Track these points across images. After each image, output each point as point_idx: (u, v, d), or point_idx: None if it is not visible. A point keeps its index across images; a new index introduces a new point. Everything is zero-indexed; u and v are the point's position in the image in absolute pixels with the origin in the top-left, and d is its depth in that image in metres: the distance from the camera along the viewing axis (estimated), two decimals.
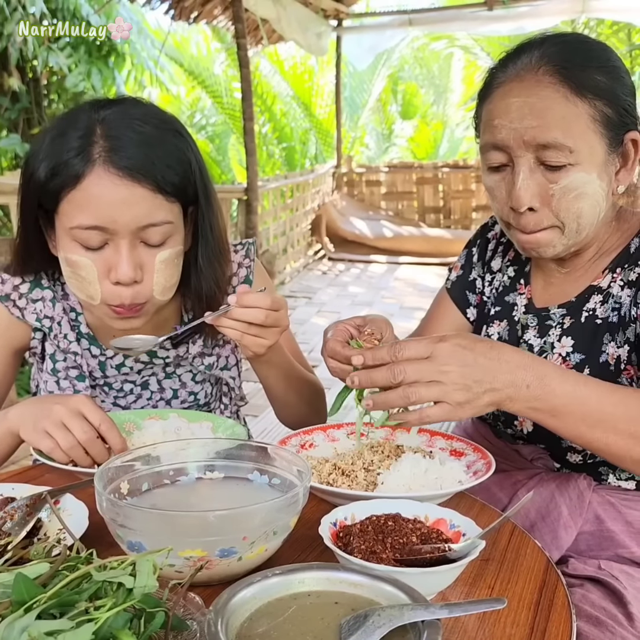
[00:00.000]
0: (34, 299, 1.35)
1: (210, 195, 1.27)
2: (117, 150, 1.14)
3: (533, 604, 0.84)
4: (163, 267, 1.21)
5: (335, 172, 10.82)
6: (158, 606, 0.64)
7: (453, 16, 8.86)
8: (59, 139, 1.16)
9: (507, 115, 1.14)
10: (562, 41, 1.18)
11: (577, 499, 1.20)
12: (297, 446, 1.22)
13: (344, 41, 10.16)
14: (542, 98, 1.12)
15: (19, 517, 0.94)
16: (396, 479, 1.05)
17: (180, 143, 1.21)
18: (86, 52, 7.37)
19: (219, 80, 12.54)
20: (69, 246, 1.19)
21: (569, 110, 1.11)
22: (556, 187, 1.14)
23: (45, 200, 1.19)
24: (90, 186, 1.13)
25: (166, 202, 1.18)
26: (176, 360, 1.42)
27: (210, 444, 1.06)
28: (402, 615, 0.66)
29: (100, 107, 1.19)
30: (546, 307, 1.31)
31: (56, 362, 1.38)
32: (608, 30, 10.81)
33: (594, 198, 1.15)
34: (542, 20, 8.37)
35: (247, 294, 1.17)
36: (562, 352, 1.25)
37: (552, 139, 1.11)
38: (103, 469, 0.91)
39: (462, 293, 1.49)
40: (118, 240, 1.16)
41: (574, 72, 1.12)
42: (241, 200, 7.07)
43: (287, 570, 0.74)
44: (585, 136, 1.12)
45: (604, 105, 1.13)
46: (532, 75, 1.14)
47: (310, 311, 6.86)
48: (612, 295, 1.23)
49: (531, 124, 1.12)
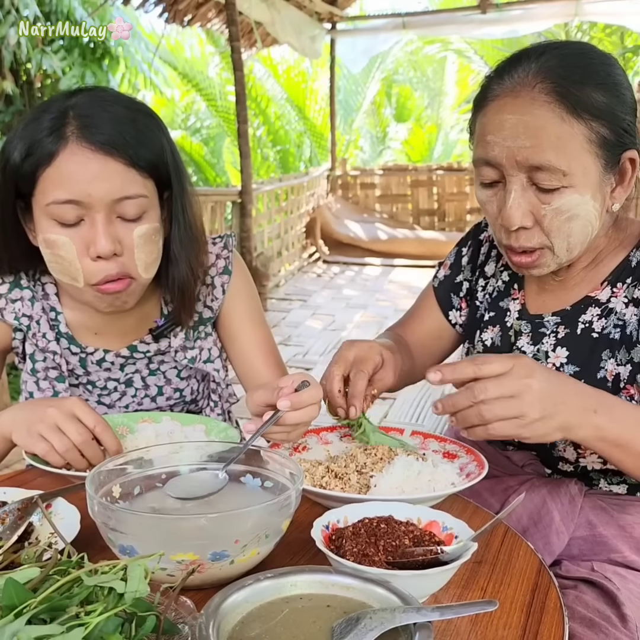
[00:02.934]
0: (13, 298, 1.36)
1: (182, 177, 1.29)
2: (90, 127, 1.17)
3: (525, 606, 0.84)
4: (142, 242, 1.22)
5: (330, 174, 10.82)
6: (149, 610, 0.64)
7: (446, 19, 8.88)
8: (32, 123, 1.19)
9: (501, 132, 1.11)
10: (562, 54, 1.13)
11: (569, 504, 1.20)
12: (290, 449, 1.22)
13: (338, 44, 10.17)
14: (536, 117, 1.08)
15: (10, 521, 0.93)
16: (389, 482, 1.06)
17: (151, 124, 1.24)
18: (80, 55, 7.38)
19: (213, 84, 12.55)
20: (46, 225, 1.20)
21: (564, 131, 1.08)
22: (548, 208, 1.11)
23: (22, 184, 1.20)
24: (64, 162, 1.16)
25: (139, 176, 1.20)
26: (157, 354, 1.42)
27: (203, 447, 1.06)
28: (394, 618, 0.66)
29: (72, 94, 1.23)
30: (540, 314, 1.29)
31: (35, 362, 1.38)
32: (601, 34, 10.86)
33: (586, 218, 1.13)
34: (535, 23, 8.42)
35: (298, 395, 1.04)
36: (556, 362, 1.23)
37: (546, 161, 1.08)
38: (95, 473, 0.91)
39: (446, 294, 1.48)
40: (93, 214, 1.18)
41: (571, 90, 1.08)
42: (235, 203, 7.07)
43: (279, 574, 0.74)
44: (579, 158, 1.09)
45: (601, 126, 1.09)
46: (528, 92, 1.09)
47: (305, 314, 6.85)
48: (615, 311, 1.20)
49: (524, 144, 1.08)
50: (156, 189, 1.25)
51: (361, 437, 1.23)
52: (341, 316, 6.69)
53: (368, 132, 14.89)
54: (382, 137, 14.72)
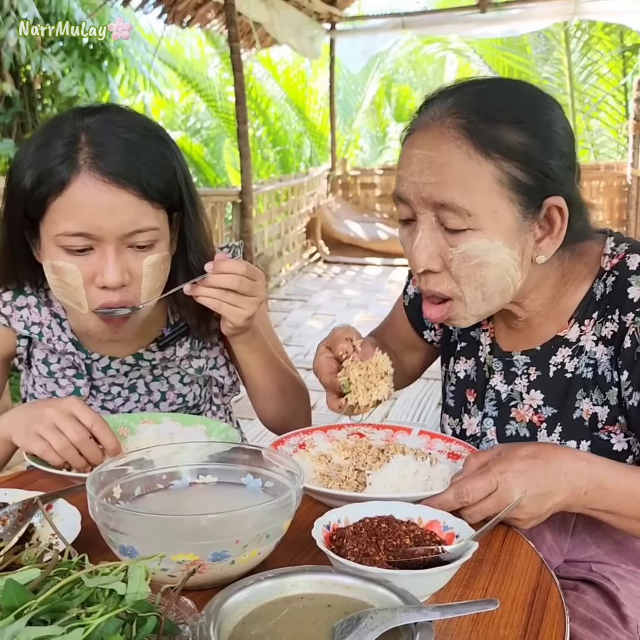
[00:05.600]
0: (18, 306, 1.35)
1: (195, 201, 1.28)
2: (102, 156, 1.14)
3: (527, 605, 0.84)
4: (151, 271, 1.22)
5: (330, 175, 10.82)
6: (150, 610, 0.64)
7: (446, 19, 8.87)
8: (43, 147, 1.17)
9: (409, 167, 1.05)
10: (480, 89, 1.07)
11: (561, 523, 1.18)
12: (295, 446, 1.21)
13: (337, 44, 10.17)
14: (442, 152, 1.02)
15: (11, 523, 0.93)
16: (384, 480, 1.06)
17: (164, 150, 1.22)
18: (79, 57, 7.38)
19: (213, 84, 12.55)
20: (54, 252, 1.19)
21: (470, 168, 1.01)
22: (456, 251, 1.04)
23: (31, 209, 1.18)
24: (75, 193, 1.14)
25: (152, 208, 1.18)
26: (163, 362, 1.42)
27: (204, 448, 1.06)
28: (395, 617, 0.66)
29: (84, 114, 1.19)
30: (510, 351, 1.23)
31: (50, 365, 1.38)
32: (600, 32, 10.85)
33: (500, 268, 1.05)
34: (534, 22, 8.42)
35: (222, 261, 1.20)
36: (532, 404, 1.20)
37: (450, 199, 1.01)
38: (95, 474, 0.91)
39: (418, 315, 1.40)
40: (104, 245, 1.16)
41: (480, 127, 1.01)
42: (235, 204, 7.06)
43: (279, 574, 0.74)
44: (487, 199, 1.01)
45: (515, 168, 1.01)
46: (438, 127, 1.03)
47: (306, 314, 6.85)
48: (585, 350, 1.15)
49: (429, 179, 1.02)
50: (167, 216, 1.24)
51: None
52: (342, 316, 6.69)
53: (368, 132, 14.89)
54: (382, 137, 14.71)
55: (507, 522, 0.99)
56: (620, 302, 1.10)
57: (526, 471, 0.96)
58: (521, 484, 0.95)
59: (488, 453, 1.03)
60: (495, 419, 1.24)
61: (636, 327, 1.07)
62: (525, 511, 0.96)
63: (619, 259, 1.13)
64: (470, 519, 0.94)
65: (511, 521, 0.98)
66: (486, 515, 0.96)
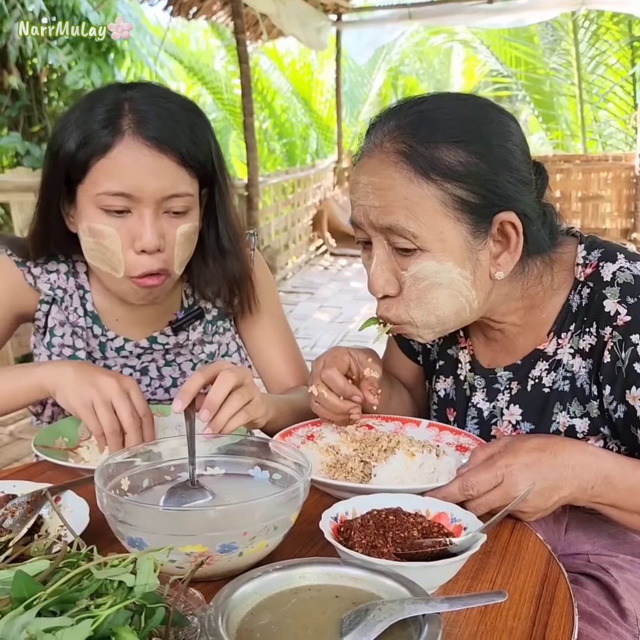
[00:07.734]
0: (49, 269, 1.37)
1: (226, 176, 1.32)
2: (146, 122, 1.18)
3: (535, 597, 0.84)
4: (183, 240, 1.25)
5: (336, 167, 10.79)
6: (159, 602, 0.64)
7: (453, 9, 8.80)
8: (88, 112, 1.20)
9: (356, 192, 1.06)
10: (417, 111, 1.04)
11: (553, 523, 1.19)
12: (303, 437, 1.21)
13: (343, 35, 10.14)
14: (384, 178, 1.02)
15: (19, 514, 0.94)
16: (389, 472, 1.06)
17: (201, 123, 1.26)
18: (86, 49, 7.36)
19: (219, 77, 12.54)
20: (93, 214, 1.21)
21: (411, 192, 1.00)
22: (407, 274, 1.04)
23: (73, 171, 1.21)
24: (119, 155, 1.17)
25: (188, 175, 1.23)
26: (176, 347, 1.43)
27: (212, 440, 1.06)
28: (403, 609, 0.66)
29: (126, 87, 1.24)
30: (493, 368, 1.22)
31: (53, 337, 1.38)
32: (608, 22, 10.78)
33: (451, 288, 1.04)
34: (542, 12, 8.36)
35: (212, 401, 1.06)
36: (512, 420, 1.20)
37: (394, 222, 1.01)
38: (103, 466, 0.91)
39: (406, 342, 1.39)
40: (142, 208, 1.19)
41: (418, 151, 1.00)
42: (242, 196, 7.06)
43: (287, 565, 0.74)
44: (433, 221, 1.00)
45: (457, 188, 1.00)
46: (379, 152, 1.03)
47: (312, 307, 6.85)
48: (562, 364, 1.14)
49: (374, 203, 1.03)
50: (199, 188, 1.27)
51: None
52: (348, 308, 6.69)
53: None
54: None
55: (513, 515, 0.99)
56: (597, 315, 1.08)
57: (532, 464, 0.96)
58: (527, 477, 0.95)
59: (494, 445, 1.03)
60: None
61: (614, 341, 1.06)
62: (530, 504, 0.96)
63: (593, 268, 1.11)
64: (475, 512, 0.94)
65: (516, 514, 0.98)
66: (491, 508, 0.96)
